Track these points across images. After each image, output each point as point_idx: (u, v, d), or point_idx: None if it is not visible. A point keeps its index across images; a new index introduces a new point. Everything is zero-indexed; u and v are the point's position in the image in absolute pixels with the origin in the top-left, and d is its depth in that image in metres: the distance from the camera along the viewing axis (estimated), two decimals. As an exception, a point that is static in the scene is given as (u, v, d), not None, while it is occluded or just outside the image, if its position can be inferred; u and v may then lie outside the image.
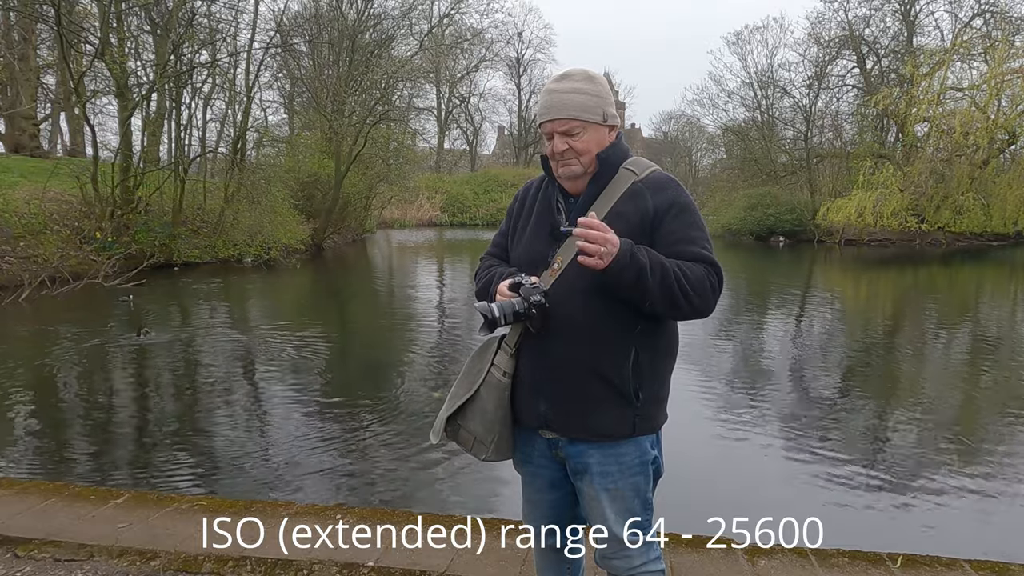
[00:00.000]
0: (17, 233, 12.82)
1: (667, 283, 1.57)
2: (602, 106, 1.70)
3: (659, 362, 1.73)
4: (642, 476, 1.75)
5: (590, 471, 1.73)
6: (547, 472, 1.84)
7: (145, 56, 19.12)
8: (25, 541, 2.80)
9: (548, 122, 1.70)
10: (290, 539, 2.84)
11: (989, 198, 25.00)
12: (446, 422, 1.81)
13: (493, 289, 1.77)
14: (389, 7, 28.11)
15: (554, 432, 1.75)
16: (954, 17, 30.00)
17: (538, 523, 1.94)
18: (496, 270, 1.84)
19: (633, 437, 1.71)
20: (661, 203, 1.67)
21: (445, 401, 1.86)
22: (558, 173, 1.74)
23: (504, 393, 1.75)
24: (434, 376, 7.00)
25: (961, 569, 2.68)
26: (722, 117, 37.24)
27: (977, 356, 8.33)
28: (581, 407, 1.69)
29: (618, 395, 1.67)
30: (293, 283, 15.15)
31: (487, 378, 1.77)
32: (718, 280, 1.63)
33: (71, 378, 6.81)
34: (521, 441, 1.85)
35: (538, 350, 1.71)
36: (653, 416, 1.74)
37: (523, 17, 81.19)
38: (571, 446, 1.74)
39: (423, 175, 38.81)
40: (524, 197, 1.91)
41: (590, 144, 1.70)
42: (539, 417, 1.75)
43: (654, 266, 1.56)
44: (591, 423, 1.69)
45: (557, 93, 1.69)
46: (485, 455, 1.78)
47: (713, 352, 8.05)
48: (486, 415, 1.76)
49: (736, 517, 3.57)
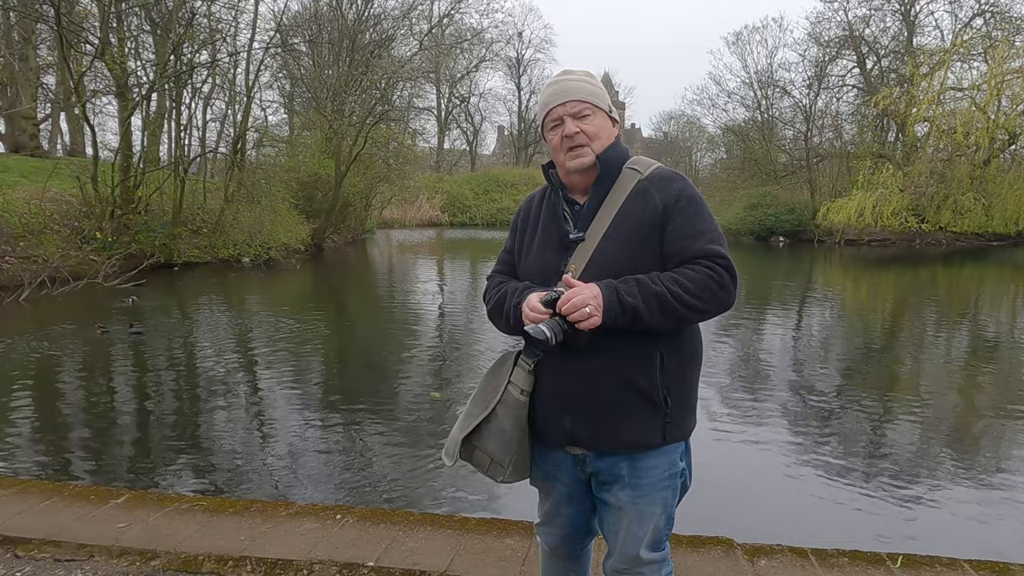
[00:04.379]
0: (17, 233, 12.82)
1: (667, 309, 1.53)
2: (606, 99, 1.72)
3: (686, 365, 1.68)
4: (670, 490, 1.70)
5: (619, 483, 1.68)
6: (567, 488, 1.79)
7: (145, 56, 19.15)
8: (25, 541, 2.80)
9: (558, 106, 1.68)
10: (290, 539, 2.84)
11: (990, 198, 24.98)
12: (461, 443, 1.71)
13: (511, 303, 1.70)
14: (389, 7, 28.16)
15: (582, 447, 1.69)
16: (954, 17, 30.01)
17: (553, 535, 1.89)
18: (508, 286, 1.77)
19: (664, 446, 1.67)
20: (668, 197, 1.63)
21: (458, 420, 1.78)
22: (568, 167, 1.70)
23: (522, 412, 1.68)
24: (434, 376, 7.00)
25: (961, 569, 2.67)
26: (722, 117, 37.32)
27: (977, 356, 8.33)
28: (610, 418, 1.63)
29: (648, 402, 1.62)
30: (293, 283, 15.15)
31: (504, 396, 1.69)
32: (727, 273, 1.57)
33: (71, 378, 6.81)
34: (541, 459, 1.77)
35: (560, 363, 1.64)
36: (683, 422, 1.69)
37: (523, 17, 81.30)
38: (600, 460, 1.69)
39: (423, 175, 38.79)
40: (528, 210, 1.85)
41: (600, 131, 1.69)
42: (565, 433, 1.68)
43: (648, 300, 1.52)
44: (621, 434, 1.63)
45: (565, 82, 1.70)
46: (503, 477, 1.71)
47: (713, 352, 8.04)
48: (503, 435, 1.68)
49: (736, 516, 3.57)
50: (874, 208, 24.24)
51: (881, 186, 24.65)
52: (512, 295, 1.71)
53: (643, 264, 1.60)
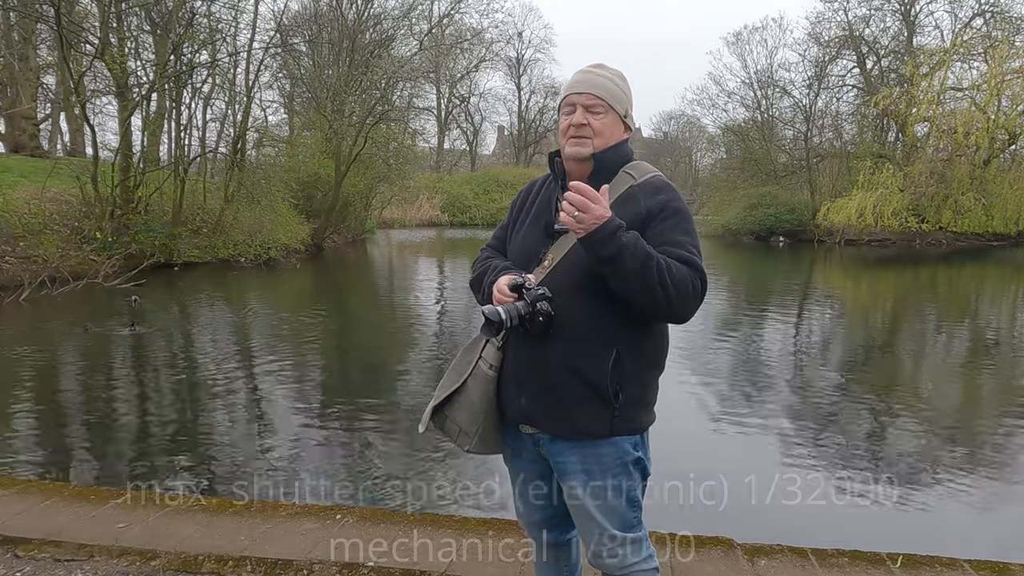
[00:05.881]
0: (17, 233, 12.81)
1: (647, 268, 1.53)
2: (626, 104, 1.77)
3: (643, 366, 1.72)
4: (624, 476, 1.74)
5: (572, 469, 1.73)
6: (536, 468, 1.85)
7: (145, 56, 19.13)
8: (25, 541, 2.80)
9: (575, 94, 1.72)
10: (290, 539, 2.84)
11: (990, 198, 25.00)
12: (433, 412, 1.82)
13: (487, 281, 1.79)
14: (389, 7, 28.11)
15: (535, 428, 1.76)
16: (954, 17, 30.03)
17: (532, 521, 1.95)
18: (491, 262, 1.87)
19: (612, 437, 1.71)
20: (653, 205, 1.68)
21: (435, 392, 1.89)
22: (566, 152, 1.75)
23: (490, 386, 1.77)
24: (434, 375, 6.99)
25: (961, 569, 2.68)
26: (722, 117, 37.27)
27: (977, 356, 8.33)
28: (559, 403, 1.69)
29: (596, 394, 1.67)
30: (293, 283, 15.15)
31: (475, 370, 1.79)
32: (701, 285, 1.60)
33: (71, 378, 6.81)
34: (510, 437, 1.85)
35: (522, 345, 1.71)
36: (634, 418, 1.73)
37: (523, 17, 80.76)
38: (552, 444, 1.75)
39: (423, 175, 38.79)
40: (528, 193, 1.93)
41: (606, 129, 1.73)
42: (520, 412, 1.75)
43: (638, 251, 1.53)
44: (569, 420, 1.70)
45: (592, 74, 1.75)
46: (469, 446, 1.80)
47: (713, 352, 8.04)
48: (472, 407, 1.77)
49: (736, 516, 3.57)
50: (874, 208, 24.24)
51: (881, 186, 24.66)
52: (491, 272, 1.81)
53: None
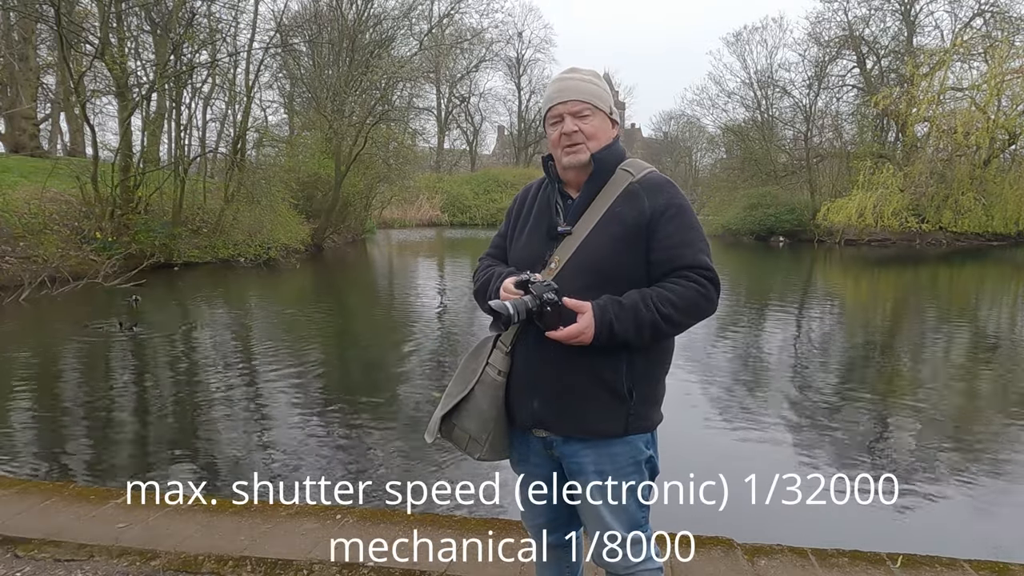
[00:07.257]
0: (17, 233, 12.81)
1: (657, 334, 1.63)
2: (608, 101, 1.78)
3: (654, 364, 1.74)
4: (636, 475, 1.75)
5: (585, 470, 1.73)
6: (543, 472, 1.84)
7: (145, 56, 19.13)
8: (25, 541, 2.80)
9: (560, 104, 1.73)
10: (290, 539, 2.84)
11: (990, 198, 24.99)
12: (440, 421, 1.81)
13: (493, 286, 1.78)
14: (389, 7, 28.12)
15: (548, 431, 1.76)
16: (954, 17, 30.02)
17: (536, 523, 1.95)
18: (495, 269, 1.86)
19: (626, 436, 1.72)
20: (657, 204, 1.69)
21: (440, 400, 1.87)
22: (564, 163, 1.76)
23: (499, 392, 1.76)
24: (434, 375, 6.99)
25: (961, 569, 2.67)
26: (722, 117, 37.34)
27: (977, 356, 8.33)
28: (575, 405, 1.69)
29: (611, 393, 1.68)
30: (293, 283, 15.15)
31: (482, 377, 1.77)
32: (713, 285, 1.66)
33: (71, 378, 6.81)
34: (517, 441, 1.84)
35: (532, 348, 1.71)
36: (647, 415, 1.74)
37: (523, 17, 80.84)
38: (565, 445, 1.75)
39: (423, 175, 38.80)
40: (524, 198, 1.92)
41: (597, 131, 1.74)
42: (532, 415, 1.75)
43: (641, 328, 1.61)
44: (584, 421, 1.70)
45: (569, 80, 1.75)
46: (479, 454, 1.79)
47: (713, 352, 8.04)
48: (481, 414, 1.76)
49: (736, 516, 3.57)
50: (874, 208, 24.24)
51: (881, 186, 24.65)
52: (495, 279, 1.79)
53: (624, 263, 1.67)
